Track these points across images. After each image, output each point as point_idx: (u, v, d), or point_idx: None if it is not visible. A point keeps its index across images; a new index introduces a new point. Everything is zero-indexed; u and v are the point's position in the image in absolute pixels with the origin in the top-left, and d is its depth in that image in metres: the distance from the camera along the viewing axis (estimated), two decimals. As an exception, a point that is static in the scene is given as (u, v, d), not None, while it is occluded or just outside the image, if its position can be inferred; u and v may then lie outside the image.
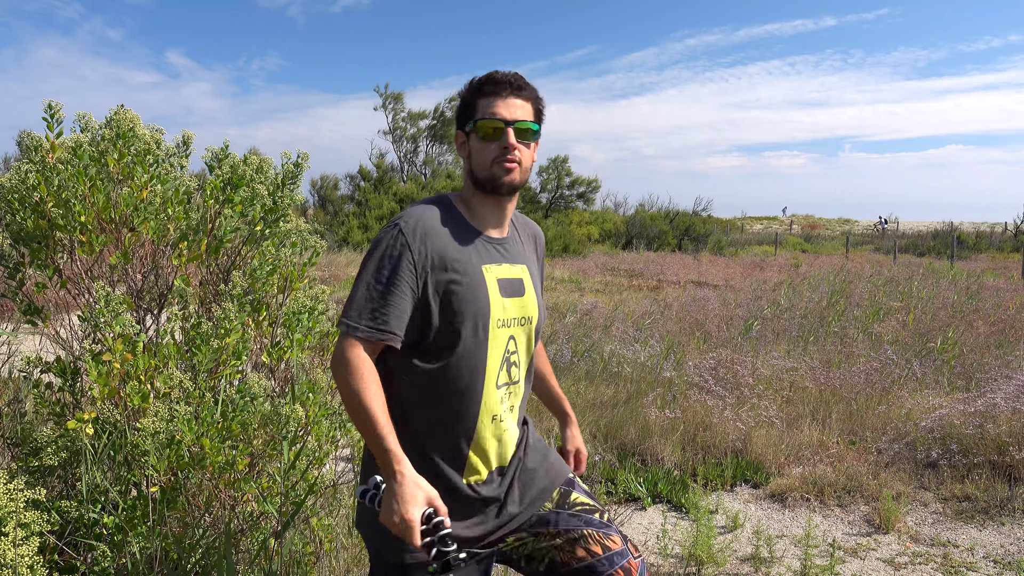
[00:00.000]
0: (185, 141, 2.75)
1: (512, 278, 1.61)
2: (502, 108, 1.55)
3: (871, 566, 3.56)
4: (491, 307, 1.54)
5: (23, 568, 1.72)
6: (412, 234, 1.49)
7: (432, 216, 1.54)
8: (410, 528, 1.34)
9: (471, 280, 1.52)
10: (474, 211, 1.61)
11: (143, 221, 2.46)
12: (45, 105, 2.39)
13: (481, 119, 1.56)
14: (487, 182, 1.57)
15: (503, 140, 1.54)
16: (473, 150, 1.59)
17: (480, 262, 1.56)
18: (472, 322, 1.52)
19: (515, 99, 1.57)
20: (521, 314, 1.61)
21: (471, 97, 1.60)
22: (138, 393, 2.16)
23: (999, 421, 4.62)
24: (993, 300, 10.22)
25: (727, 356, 6.32)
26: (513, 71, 1.60)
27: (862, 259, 22.28)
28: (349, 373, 1.43)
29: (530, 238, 1.77)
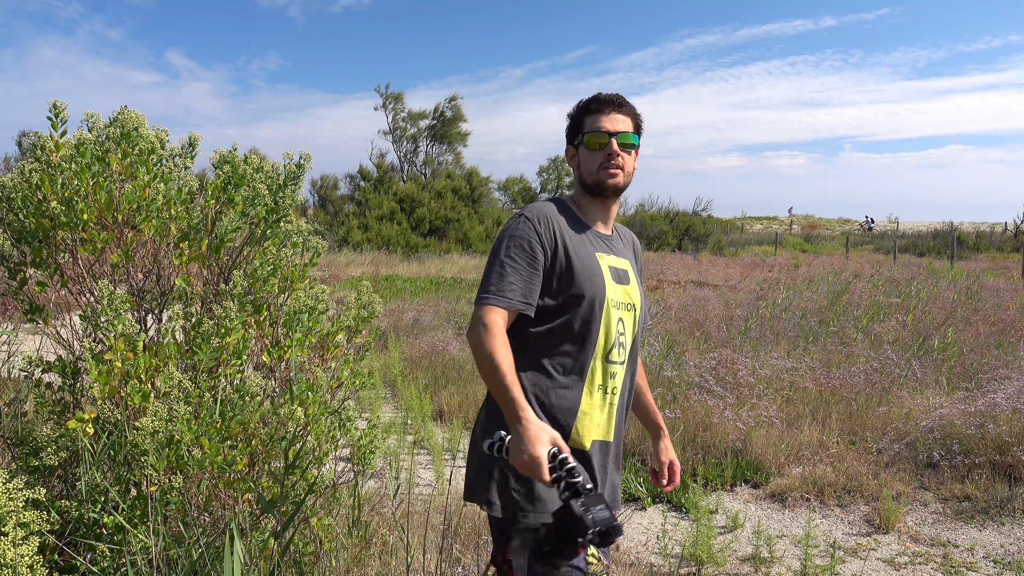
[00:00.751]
0: (191, 142, 2.75)
1: (619, 268, 1.84)
2: (606, 122, 1.79)
3: (871, 566, 3.56)
4: (606, 287, 1.76)
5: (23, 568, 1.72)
6: (537, 220, 1.73)
7: (552, 208, 1.79)
8: (538, 464, 1.47)
9: (589, 263, 1.75)
10: (584, 211, 1.85)
11: (145, 219, 2.46)
12: (50, 104, 2.39)
13: (588, 132, 1.80)
14: (595, 185, 1.81)
15: (608, 148, 1.78)
16: (582, 160, 1.83)
17: (594, 249, 1.79)
18: (590, 298, 1.72)
19: (617, 114, 1.81)
20: (628, 300, 1.83)
21: (579, 115, 1.85)
22: (139, 392, 2.16)
23: (999, 421, 4.62)
24: (993, 300, 10.22)
25: (727, 356, 6.32)
26: (615, 92, 1.86)
27: (862, 259, 22.28)
28: (485, 331, 1.62)
29: (628, 242, 2.00)
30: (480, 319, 1.64)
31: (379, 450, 2.96)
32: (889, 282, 12.70)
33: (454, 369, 6.98)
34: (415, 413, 5.77)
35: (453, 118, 33.26)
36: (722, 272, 17.57)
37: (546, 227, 1.73)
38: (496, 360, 1.59)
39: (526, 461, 1.48)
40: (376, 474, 4.33)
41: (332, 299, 2.89)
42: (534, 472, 1.48)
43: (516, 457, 1.51)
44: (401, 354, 7.66)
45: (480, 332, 1.63)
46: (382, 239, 25.52)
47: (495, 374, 1.58)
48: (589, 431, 1.77)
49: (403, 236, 26.01)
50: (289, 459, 2.24)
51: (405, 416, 6.05)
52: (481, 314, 1.65)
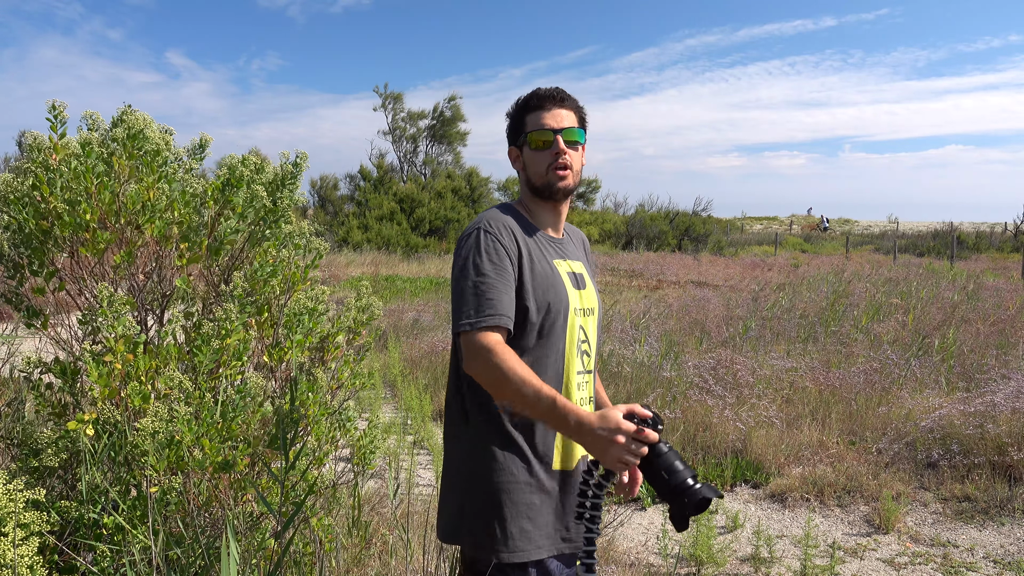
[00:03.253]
0: (202, 144, 2.75)
1: (577, 272, 1.74)
2: (549, 119, 1.68)
3: (871, 566, 3.56)
4: (568, 296, 1.66)
5: (23, 568, 1.73)
6: (498, 231, 1.62)
7: (507, 216, 1.68)
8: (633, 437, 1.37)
9: (550, 272, 1.66)
10: (535, 215, 1.74)
11: (148, 220, 2.46)
12: (49, 105, 2.38)
13: (531, 131, 1.69)
14: (544, 188, 1.70)
15: (554, 147, 1.67)
16: (527, 161, 1.72)
17: (551, 257, 1.70)
18: (556, 309, 1.63)
19: (560, 110, 1.69)
20: (586, 305, 1.73)
21: (519, 114, 1.73)
22: (139, 394, 2.16)
23: (999, 421, 4.62)
24: (993, 300, 10.22)
25: (727, 356, 6.32)
26: (554, 86, 1.74)
27: (862, 259, 22.28)
28: (490, 354, 1.47)
29: (579, 242, 1.91)
30: (476, 348, 1.49)
31: (379, 450, 2.96)
32: (889, 282, 12.70)
33: (454, 369, 6.97)
34: (415, 413, 5.77)
35: (453, 118, 33.27)
36: (722, 272, 17.58)
37: (508, 237, 1.62)
38: (518, 376, 1.45)
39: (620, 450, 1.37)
40: (376, 474, 4.33)
41: (332, 300, 2.90)
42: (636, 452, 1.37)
43: (611, 460, 1.38)
44: (401, 354, 7.66)
45: (485, 358, 1.48)
46: (382, 239, 25.53)
47: (523, 390, 1.44)
48: (576, 450, 1.65)
49: (403, 236, 26.02)
50: (289, 459, 2.24)
51: (405, 416, 6.05)
52: (474, 344, 1.50)
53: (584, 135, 1.74)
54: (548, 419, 1.46)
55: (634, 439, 1.37)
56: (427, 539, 2.87)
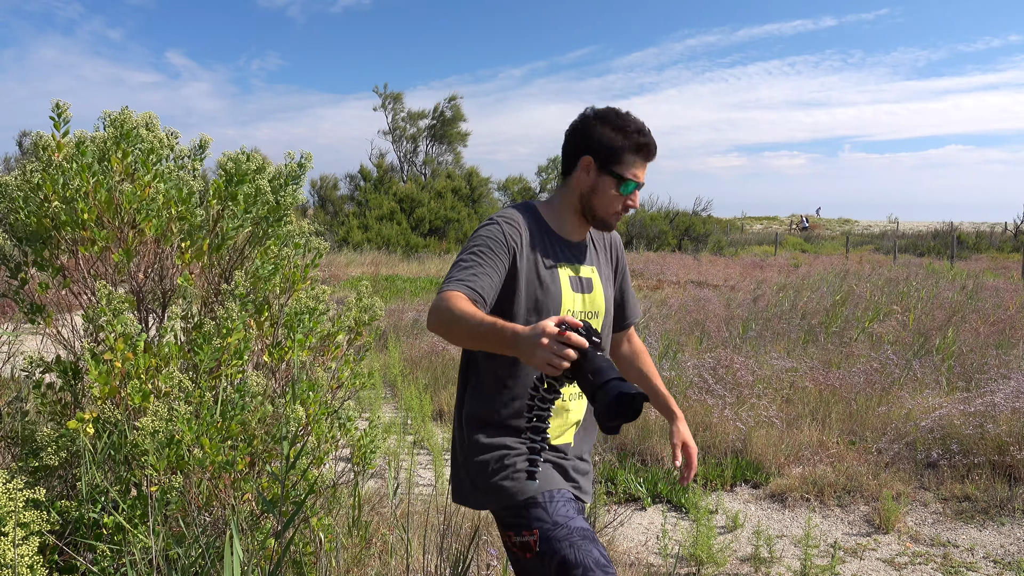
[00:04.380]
0: (202, 145, 2.76)
1: (582, 277, 1.84)
2: (641, 173, 1.78)
3: (871, 566, 3.56)
4: (563, 298, 1.77)
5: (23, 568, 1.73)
6: (507, 224, 1.74)
7: (522, 216, 1.78)
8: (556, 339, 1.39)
9: (548, 273, 1.76)
10: (561, 220, 1.84)
11: (146, 218, 2.47)
12: (52, 104, 2.39)
13: (626, 177, 1.76)
14: (598, 221, 1.82)
15: (632, 200, 1.79)
16: (601, 189, 1.78)
17: (556, 260, 1.79)
18: (545, 308, 1.74)
19: (649, 162, 1.80)
20: (591, 308, 1.84)
21: (624, 144, 1.76)
22: (139, 392, 2.16)
23: (999, 421, 4.62)
24: (993, 300, 10.21)
25: (727, 356, 6.33)
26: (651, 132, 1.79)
27: (862, 259, 22.29)
28: (442, 301, 1.57)
29: (606, 244, 1.99)
30: (438, 299, 1.60)
31: (379, 450, 2.96)
32: (889, 282, 12.70)
33: (454, 369, 6.98)
34: (415, 413, 5.77)
35: (453, 118, 33.28)
36: (722, 272, 17.58)
37: (514, 231, 1.73)
38: (461, 311, 1.54)
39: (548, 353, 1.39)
40: (376, 474, 4.33)
41: (332, 299, 2.90)
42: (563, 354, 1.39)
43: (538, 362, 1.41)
44: (401, 354, 7.66)
45: (436, 306, 1.58)
46: (382, 239, 25.53)
47: (469, 322, 1.52)
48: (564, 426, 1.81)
49: (403, 236, 26.02)
50: (289, 459, 2.24)
51: (405, 416, 6.05)
52: (439, 297, 1.61)
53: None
54: (493, 341, 1.52)
55: (559, 341, 1.40)
56: (427, 539, 2.87)
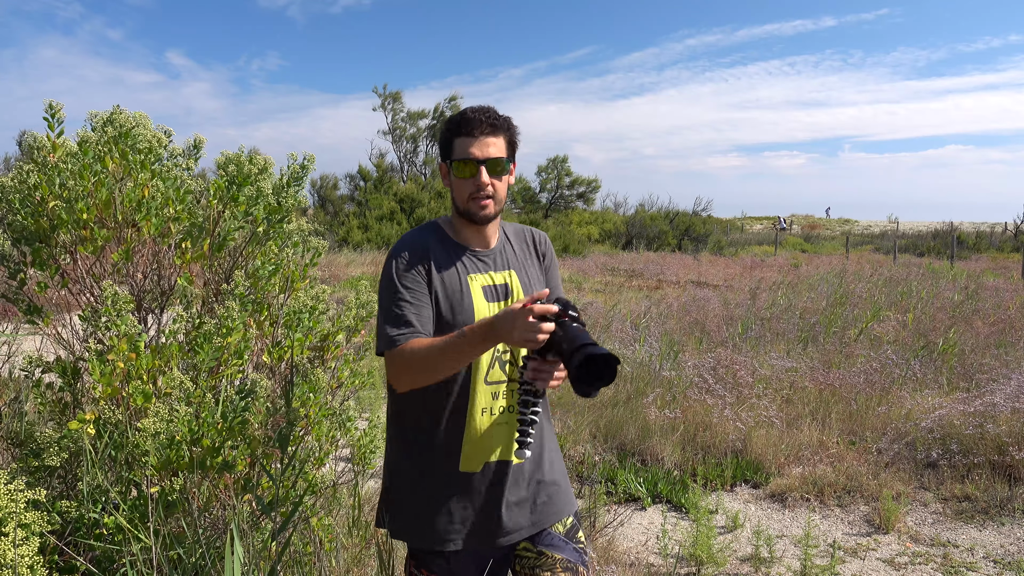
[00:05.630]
0: (196, 145, 2.76)
1: (497, 284, 1.78)
2: (475, 148, 1.70)
3: (871, 566, 3.56)
4: (475, 311, 1.72)
5: (23, 568, 1.73)
6: (406, 253, 1.73)
7: (419, 239, 1.77)
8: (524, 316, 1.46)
9: (456, 288, 1.72)
10: (458, 231, 1.81)
11: (145, 218, 2.47)
12: (46, 105, 2.38)
13: (457, 160, 1.72)
14: (465, 214, 1.76)
15: (477, 178, 1.71)
16: (453, 184, 1.76)
17: (464, 272, 1.75)
18: (459, 325, 1.68)
19: (488, 137, 1.71)
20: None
21: (449, 135, 1.75)
22: (141, 393, 2.16)
23: (999, 421, 4.62)
24: (993, 300, 10.21)
25: (726, 356, 6.32)
26: (486, 106, 1.75)
27: (862, 259, 22.28)
28: (405, 361, 1.63)
29: (528, 243, 1.92)
30: (392, 360, 1.65)
31: (379, 450, 2.96)
32: (889, 282, 12.70)
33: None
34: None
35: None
36: (722, 272, 17.58)
37: (419, 258, 1.72)
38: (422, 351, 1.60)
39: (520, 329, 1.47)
40: (376, 474, 4.33)
41: (332, 299, 2.90)
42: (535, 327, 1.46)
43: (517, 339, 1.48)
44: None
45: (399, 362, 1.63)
46: (382, 239, 25.53)
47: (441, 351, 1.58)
48: (478, 454, 1.74)
49: (403, 236, 26.00)
50: (289, 459, 2.24)
51: (405, 416, 6.04)
52: (390, 358, 1.65)
53: (512, 162, 1.78)
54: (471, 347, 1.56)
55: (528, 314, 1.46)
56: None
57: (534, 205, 33.25)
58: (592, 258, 22.14)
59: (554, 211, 32.81)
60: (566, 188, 33.72)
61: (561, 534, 1.82)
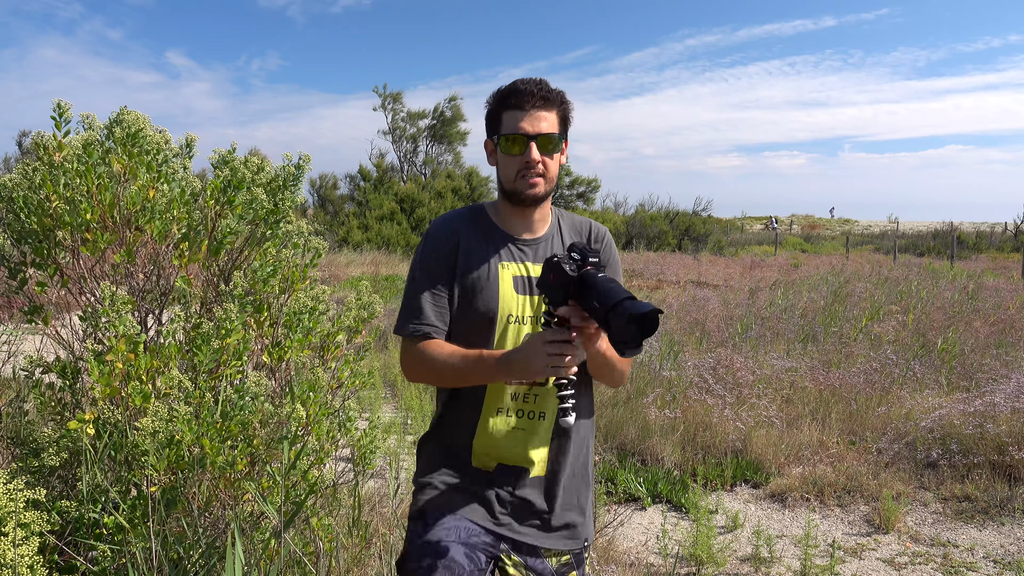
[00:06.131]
0: (188, 144, 2.76)
1: (533, 276, 1.65)
2: (526, 123, 1.58)
3: (871, 566, 3.56)
4: (501, 302, 1.62)
5: (23, 568, 1.73)
6: (439, 235, 1.66)
7: (453, 223, 1.68)
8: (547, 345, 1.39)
9: (482, 274, 1.62)
10: (503, 216, 1.70)
11: (149, 220, 2.47)
12: (54, 104, 2.39)
13: (506, 134, 1.60)
14: (512, 195, 1.64)
15: (527, 155, 1.58)
16: (500, 162, 1.65)
17: (497, 260, 1.65)
18: (483, 315, 1.61)
19: (540, 111, 1.59)
20: (540, 312, 1.64)
21: (497, 108, 1.63)
22: (140, 393, 2.16)
23: (999, 421, 4.62)
24: (993, 300, 10.21)
25: (727, 356, 6.32)
26: (538, 78, 1.62)
27: (862, 259, 22.28)
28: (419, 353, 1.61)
29: (584, 239, 1.79)
30: (406, 354, 1.65)
31: (379, 450, 2.96)
32: (889, 282, 12.70)
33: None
34: (415, 413, 5.77)
35: (453, 118, 33.26)
36: (722, 272, 17.57)
37: (445, 242, 1.65)
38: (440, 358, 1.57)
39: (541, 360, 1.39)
40: (376, 474, 4.33)
41: (332, 299, 2.90)
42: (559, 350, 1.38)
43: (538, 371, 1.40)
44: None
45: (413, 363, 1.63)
46: (382, 239, 25.53)
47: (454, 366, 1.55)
48: (491, 452, 1.65)
49: (403, 236, 26.01)
50: (290, 459, 2.24)
51: (405, 416, 6.05)
52: (404, 348, 1.65)
53: (564, 139, 1.66)
54: (482, 373, 1.52)
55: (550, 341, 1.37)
56: (427, 539, 2.86)
57: (534, 205, 33.16)
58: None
59: (554, 211, 32.75)
60: (566, 188, 33.71)
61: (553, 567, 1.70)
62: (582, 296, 1.35)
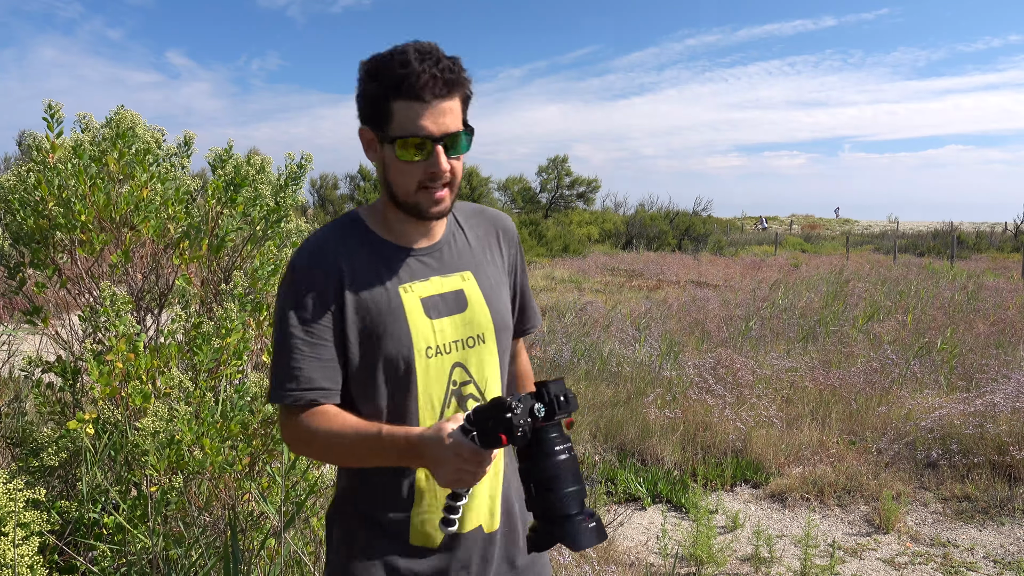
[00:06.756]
0: (187, 141, 2.76)
1: (445, 292, 1.30)
2: (428, 120, 1.18)
3: (871, 566, 3.56)
4: (414, 335, 1.25)
5: (23, 568, 1.72)
6: (307, 272, 1.25)
7: (327, 245, 1.28)
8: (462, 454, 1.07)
9: (384, 309, 1.25)
10: (389, 223, 1.31)
11: (143, 220, 2.47)
12: (45, 105, 2.39)
13: (403, 136, 1.19)
14: (411, 209, 1.26)
15: (433, 164, 1.20)
16: (391, 167, 1.24)
17: (396, 283, 1.27)
18: (394, 359, 1.25)
19: (443, 102, 1.19)
20: (466, 333, 1.31)
21: (384, 95, 1.20)
22: (140, 393, 2.16)
23: (999, 421, 4.62)
24: (993, 300, 10.22)
25: (727, 356, 6.33)
26: (430, 50, 1.19)
27: (862, 259, 22.28)
28: (301, 435, 1.24)
29: (488, 234, 1.44)
30: (286, 427, 1.26)
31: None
32: (889, 282, 12.70)
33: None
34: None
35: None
36: (722, 272, 17.57)
37: (322, 276, 1.24)
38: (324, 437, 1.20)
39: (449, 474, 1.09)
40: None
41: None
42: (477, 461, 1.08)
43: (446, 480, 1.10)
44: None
45: (292, 435, 1.26)
46: (382, 239, 25.54)
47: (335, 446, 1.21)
48: (434, 522, 1.28)
49: (403, 236, 26.03)
50: (290, 459, 2.24)
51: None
52: (283, 420, 1.26)
53: (470, 133, 1.27)
54: (385, 458, 1.18)
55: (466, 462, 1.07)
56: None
57: (534, 205, 33.25)
58: (592, 258, 22.14)
59: (554, 211, 32.81)
60: (566, 188, 33.73)
61: None
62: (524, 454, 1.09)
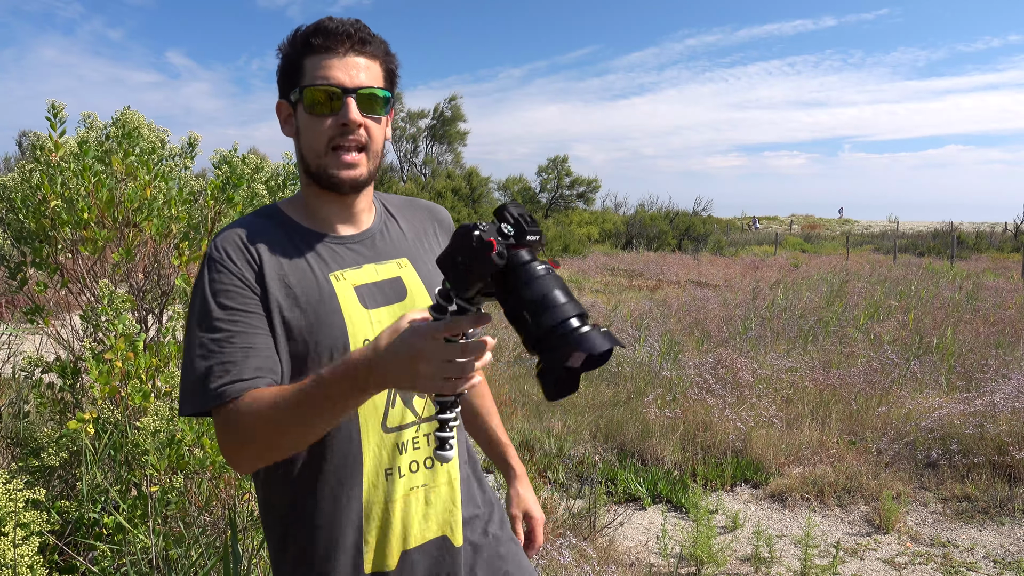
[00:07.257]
0: (191, 142, 2.77)
1: (381, 280, 1.19)
2: (339, 71, 1.12)
3: (871, 566, 3.56)
4: (348, 326, 1.13)
5: (23, 568, 1.72)
6: (225, 262, 1.12)
7: (247, 231, 1.16)
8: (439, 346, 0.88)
9: (314, 298, 1.13)
10: (313, 211, 1.21)
11: (147, 218, 2.47)
12: (48, 105, 2.39)
13: (310, 85, 1.12)
14: (323, 177, 1.16)
15: (343, 115, 1.12)
16: (302, 128, 1.16)
17: (325, 270, 1.16)
18: (324, 352, 1.12)
19: (357, 57, 1.14)
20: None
21: (296, 54, 1.15)
22: (139, 392, 2.16)
23: (999, 421, 4.62)
24: (993, 300, 10.22)
25: (727, 356, 6.33)
26: (353, 18, 1.17)
27: (862, 259, 22.28)
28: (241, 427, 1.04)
29: (421, 221, 1.34)
30: (220, 432, 1.07)
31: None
32: (889, 282, 12.70)
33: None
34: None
35: (452, 118, 33.31)
36: (722, 272, 17.57)
37: (244, 265, 1.12)
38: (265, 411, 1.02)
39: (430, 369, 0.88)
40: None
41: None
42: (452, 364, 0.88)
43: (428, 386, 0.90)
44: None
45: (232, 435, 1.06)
46: (382, 239, 25.53)
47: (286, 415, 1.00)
48: (389, 542, 1.16)
49: (403, 236, 26.01)
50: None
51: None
52: (217, 427, 1.07)
53: (391, 98, 1.19)
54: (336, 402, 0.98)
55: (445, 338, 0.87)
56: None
57: (534, 205, 33.25)
58: (592, 258, 22.15)
59: (554, 211, 32.81)
60: (566, 188, 33.72)
61: None
62: (505, 293, 0.87)
